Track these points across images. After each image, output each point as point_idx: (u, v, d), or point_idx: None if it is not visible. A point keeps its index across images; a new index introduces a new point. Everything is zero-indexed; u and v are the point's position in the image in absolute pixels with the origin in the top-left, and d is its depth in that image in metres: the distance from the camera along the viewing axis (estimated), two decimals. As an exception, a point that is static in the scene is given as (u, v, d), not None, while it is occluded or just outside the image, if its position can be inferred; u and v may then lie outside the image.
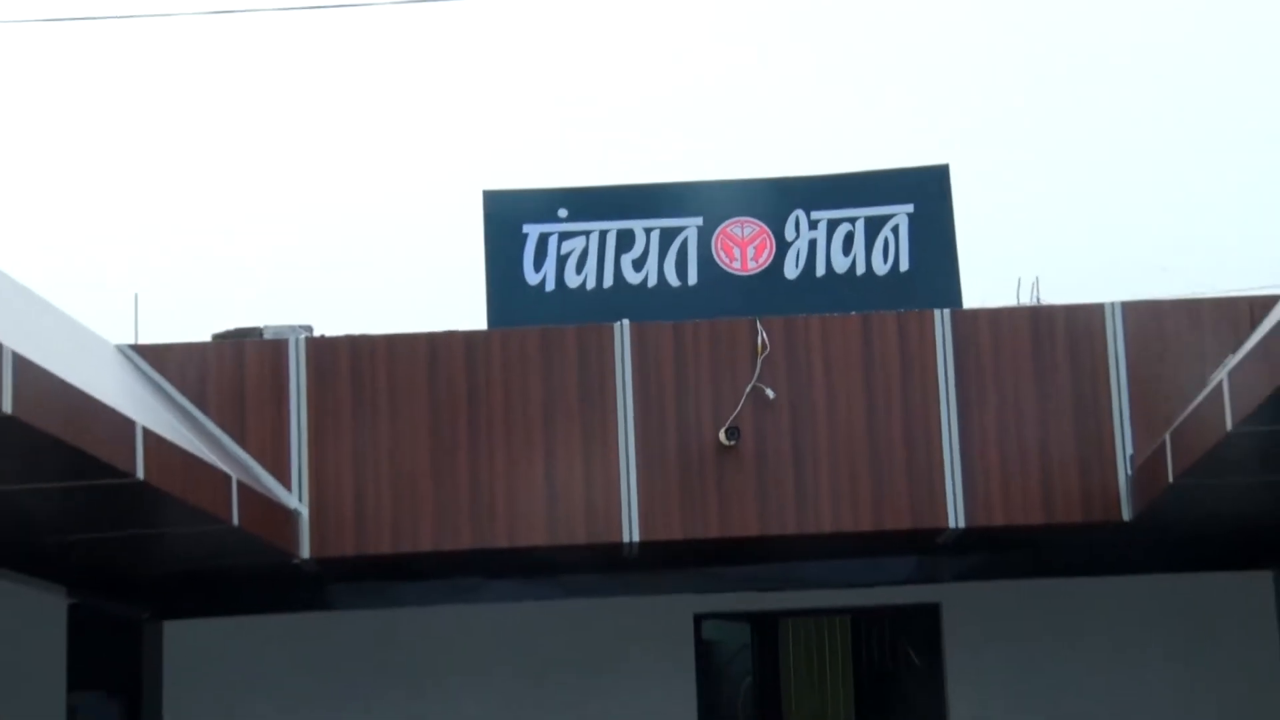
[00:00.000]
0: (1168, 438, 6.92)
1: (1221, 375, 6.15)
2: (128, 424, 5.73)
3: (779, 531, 8.11)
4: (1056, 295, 9.25)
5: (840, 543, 8.55)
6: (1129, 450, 8.09)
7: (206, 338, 8.81)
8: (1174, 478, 6.86)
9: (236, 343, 8.70)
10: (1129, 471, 8.07)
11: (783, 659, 11.39)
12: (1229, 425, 5.86)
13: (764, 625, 10.74)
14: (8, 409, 4.32)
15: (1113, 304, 8.18)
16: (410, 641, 9.96)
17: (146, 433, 5.89)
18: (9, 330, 5.07)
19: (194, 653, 9.58)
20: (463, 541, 8.16)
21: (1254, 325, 7.76)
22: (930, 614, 10.04)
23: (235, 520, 6.90)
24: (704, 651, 10.20)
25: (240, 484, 7.12)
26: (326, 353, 8.35)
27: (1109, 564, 9.53)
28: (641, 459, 8.10)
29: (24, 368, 4.57)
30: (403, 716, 9.86)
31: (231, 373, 8.36)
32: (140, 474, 5.66)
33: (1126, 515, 8.04)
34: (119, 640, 9.23)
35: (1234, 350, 7.06)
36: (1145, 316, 8.22)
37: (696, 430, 8.11)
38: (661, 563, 9.20)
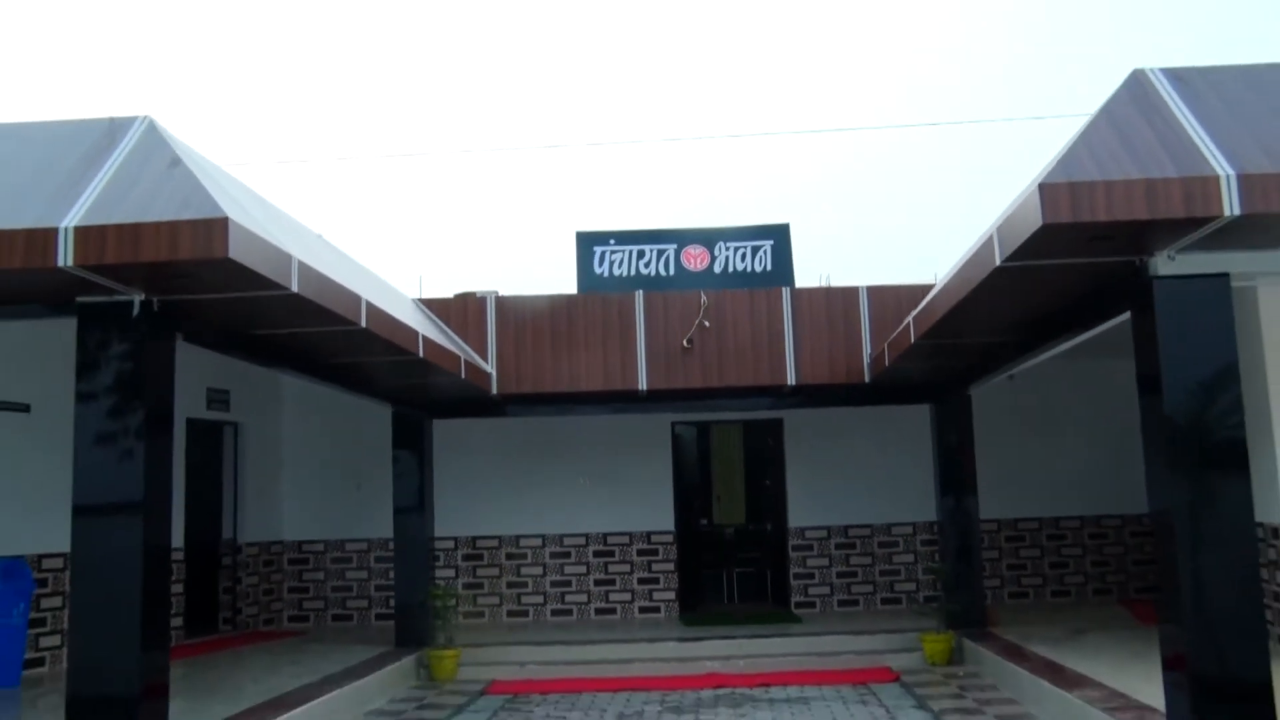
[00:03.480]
0: (886, 347, 10.72)
1: (908, 321, 9.72)
2: (415, 333, 8.85)
3: (711, 385, 12.01)
4: (854, 279, 12.67)
5: (739, 390, 12.37)
6: (868, 349, 11.90)
7: (449, 295, 12.77)
8: (888, 363, 10.61)
9: (465, 297, 12.65)
10: (869, 359, 11.86)
11: (713, 445, 14.80)
12: (912, 339, 9.31)
13: (704, 428, 14.69)
14: (364, 324, 7.51)
15: (863, 287, 12.15)
16: (540, 430, 14.03)
17: (424, 338, 9.15)
18: (364, 288, 7.97)
19: (446, 433, 13.08)
20: (561, 386, 12.05)
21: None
22: (778, 424, 14.25)
23: (463, 374, 10.55)
24: (675, 441, 14.35)
25: (465, 360, 10.73)
26: (504, 304, 12.19)
27: (859, 400, 12.99)
28: (648, 352, 11.98)
29: (373, 310, 7.69)
30: (537, 465, 14.03)
31: (462, 311, 12.19)
32: (421, 354, 9.01)
33: (867, 379, 11.92)
34: (414, 428, 12.22)
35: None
36: (883, 294, 12.09)
37: (672, 340, 11.97)
38: (656, 398, 12.53)
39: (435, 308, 12.21)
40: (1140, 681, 7.80)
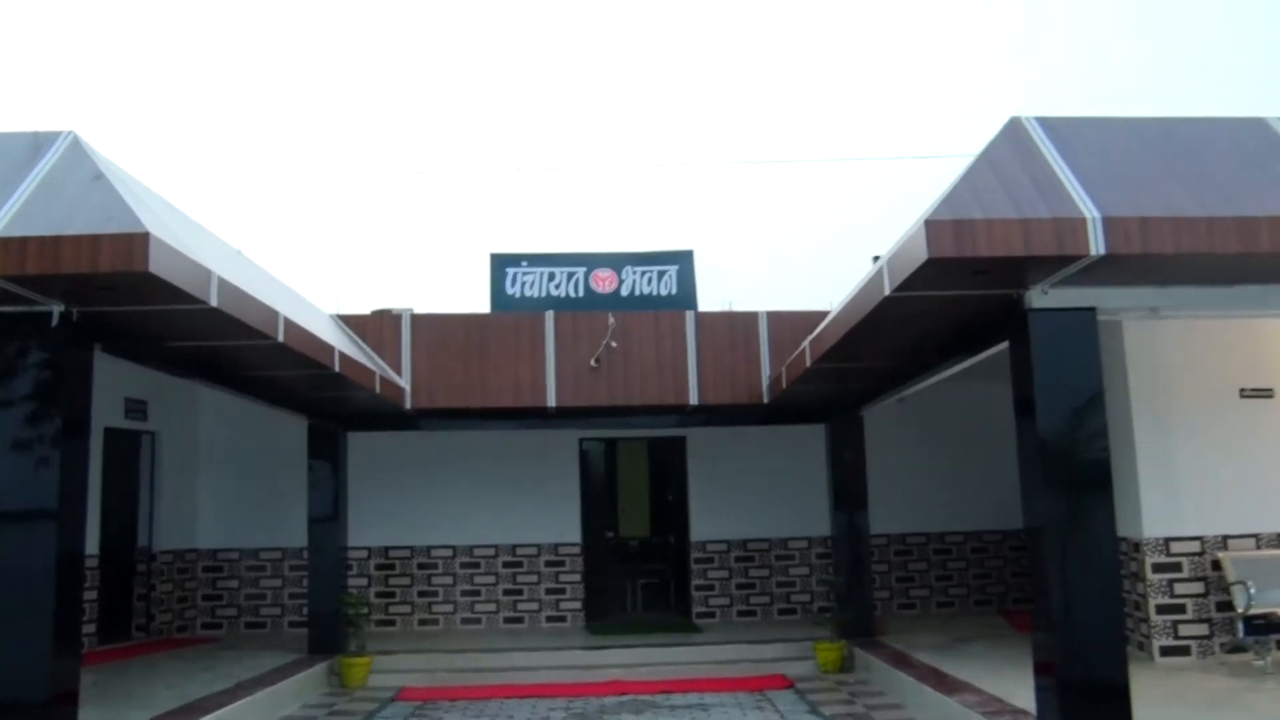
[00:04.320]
0: (784, 370, 10.97)
1: (805, 346, 9.88)
2: (331, 348, 8.82)
3: (617, 403, 12.05)
4: (755, 305, 12.62)
5: (644, 409, 12.46)
6: (767, 372, 12.02)
7: (367, 311, 12.57)
8: (785, 385, 10.85)
9: (381, 314, 12.53)
10: (768, 381, 11.97)
11: (619, 460, 14.77)
12: (808, 363, 9.60)
13: (611, 444, 14.63)
14: (282, 339, 7.52)
15: (763, 312, 12.37)
16: (453, 444, 13.90)
17: (340, 353, 9.13)
18: (282, 304, 7.91)
19: (360, 445, 12.99)
20: (473, 402, 11.94)
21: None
22: (681, 442, 14.39)
23: (378, 389, 10.47)
24: (583, 456, 14.35)
25: (380, 376, 10.71)
26: (420, 321, 12.15)
27: (758, 420, 13.29)
28: (558, 371, 11.97)
29: (290, 325, 7.70)
30: (450, 478, 13.91)
31: (379, 327, 12.11)
32: (337, 369, 9.01)
33: (766, 399, 12.05)
34: (330, 440, 12.11)
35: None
36: (781, 319, 12.24)
37: (581, 360, 11.97)
38: (565, 415, 12.53)
39: (353, 324, 12.14)
40: (1015, 686, 8.02)
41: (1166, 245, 5.82)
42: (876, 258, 14.16)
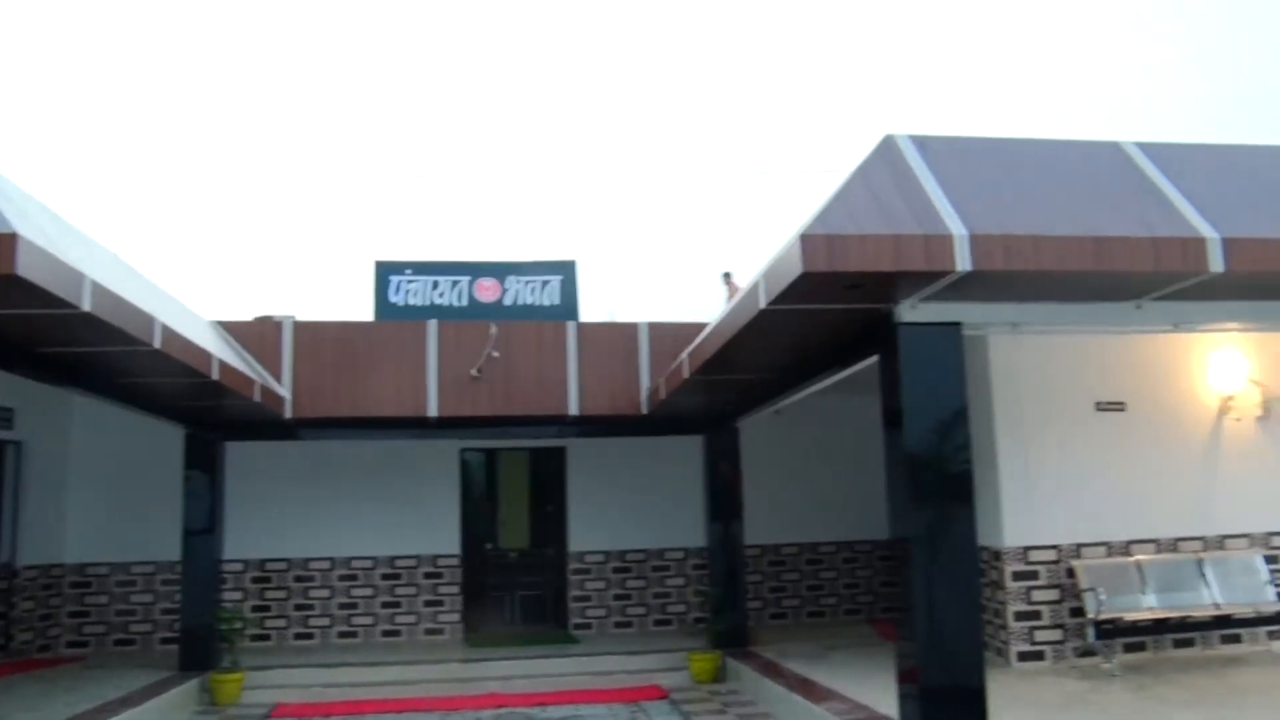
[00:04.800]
0: (662, 381, 10.82)
1: (683, 358, 9.73)
2: (209, 355, 8.50)
3: (498, 413, 11.75)
4: (637, 316, 12.42)
5: (525, 419, 12.08)
6: (646, 383, 11.80)
7: (249, 318, 12.19)
8: (664, 396, 10.78)
9: (263, 320, 12.16)
10: (646, 392, 11.75)
11: (500, 471, 14.47)
12: (686, 374, 9.47)
13: (491, 454, 14.29)
14: (158, 346, 7.17)
15: (643, 323, 12.11)
16: (333, 454, 13.46)
17: (219, 360, 8.79)
18: (162, 312, 7.62)
19: (238, 455, 12.42)
20: (355, 411, 11.59)
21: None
22: (561, 452, 14.09)
23: (257, 398, 10.08)
24: (464, 466, 13.98)
25: (260, 384, 10.29)
26: (302, 328, 11.75)
27: (637, 431, 12.94)
28: (440, 380, 11.64)
29: (167, 332, 7.39)
30: (329, 489, 13.43)
31: (260, 334, 11.63)
32: (215, 376, 8.66)
33: (645, 410, 11.85)
34: (207, 449, 11.72)
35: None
36: (662, 331, 11.94)
37: (463, 369, 11.60)
38: (446, 425, 12.17)
39: (233, 330, 11.64)
40: (880, 693, 8.01)
41: (1028, 262, 5.85)
42: (727, 274, 14.46)
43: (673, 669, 11.62)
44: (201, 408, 10.56)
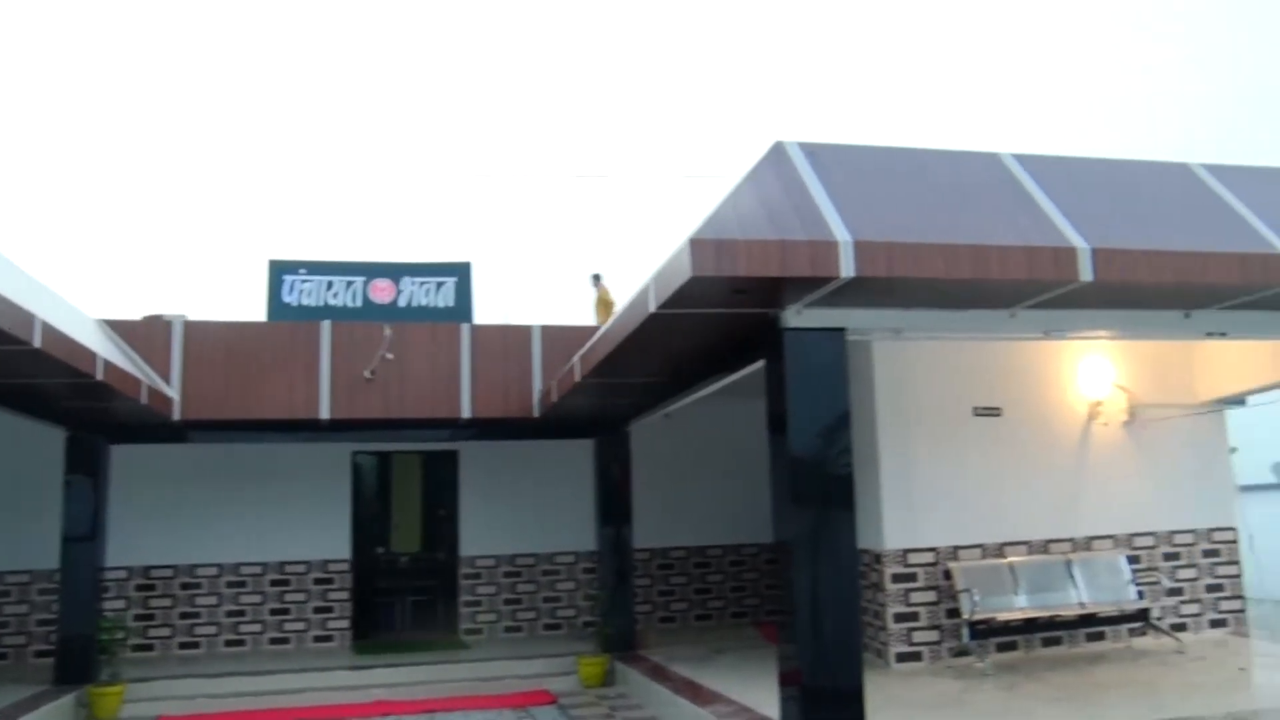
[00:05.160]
0: (554, 384, 10.56)
1: (575, 361, 9.53)
2: (93, 354, 8.14)
3: (391, 415, 11.40)
4: (531, 318, 12.14)
5: (417, 422, 11.76)
6: (539, 386, 11.58)
7: (139, 316, 11.63)
8: (555, 399, 10.47)
9: (153, 319, 11.57)
10: (539, 395, 11.53)
11: (393, 474, 14.06)
12: (577, 377, 9.25)
13: (384, 457, 13.92)
14: (38, 345, 6.89)
15: (536, 326, 11.86)
16: (223, 458, 12.88)
17: (104, 360, 8.41)
18: (43, 309, 7.28)
19: (123, 459, 11.87)
20: (245, 414, 11.14)
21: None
22: (454, 455, 13.74)
23: (144, 399, 9.66)
24: (356, 470, 13.57)
25: (147, 385, 9.86)
26: (193, 328, 11.26)
27: (529, 434, 12.66)
28: (332, 382, 11.25)
29: (49, 330, 7.08)
30: (218, 493, 12.85)
31: (149, 334, 11.12)
32: (99, 377, 8.29)
33: (537, 414, 11.62)
34: (90, 453, 11.20)
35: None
36: (554, 334, 11.79)
37: (356, 371, 11.28)
38: (338, 427, 11.82)
39: (121, 329, 11.11)
40: (764, 695, 7.92)
41: (909, 269, 5.84)
42: (596, 275, 14.31)
43: (562, 673, 11.41)
44: (85, 409, 10.05)
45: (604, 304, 14.11)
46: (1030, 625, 9.51)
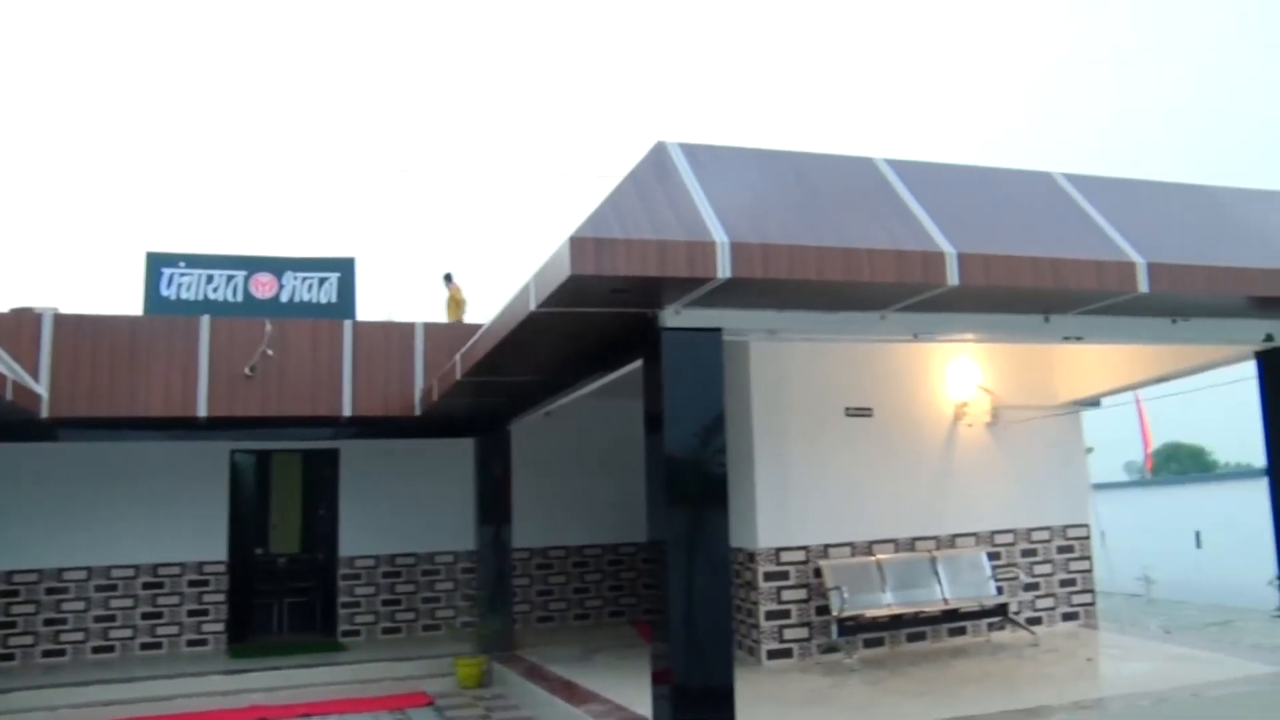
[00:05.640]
0: (435, 382, 10.30)
1: (456, 359, 9.21)
2: None
3: (271, 413, 10.93)
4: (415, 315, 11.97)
5: (298, 420, 11.29)
6: (421, 384, 11.14)
7: (5, 309, 10.82)
8: (436, 398, 10.17)
9: (20, 312, 10.81)
10: (420, 393, 11.13)
11: (272, 473, 13.42)
12: (458, 375, 9.02)
13: (264, 456, 13.27)
14: None
15: (419, 323, 11.46)
16: (94, 457, 12.17)
17: None
18: None
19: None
20: (119, 411, 10.52)
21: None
22: (335, 454, 13.18)
23: (9, 395, 9.08)
24: (234, 469, 12.90)
25: (13, 380, 9.30)
26: (64, 322, 10.56)
27: (410, 432, 12.29)
28: (211, 378, 10.71)
29: None
30: (89, 494, 12.13)
31: (16, 327, 10.40)
32: None
33: (418, 412, 11.24)
34: None
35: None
36: (438, 331, 11.49)
37: (235, 367, 10.76)
38: (216, 425, 11.30)
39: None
40: (638, 694, 7.76)
41: (784, 271, 5.74)
42: (448, 275, 14.00)
43: (440, 675, 11.00)
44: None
45: (455, 303, 13.80)
46: (896, 621, 9.54)
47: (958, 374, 10.42)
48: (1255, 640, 12.10)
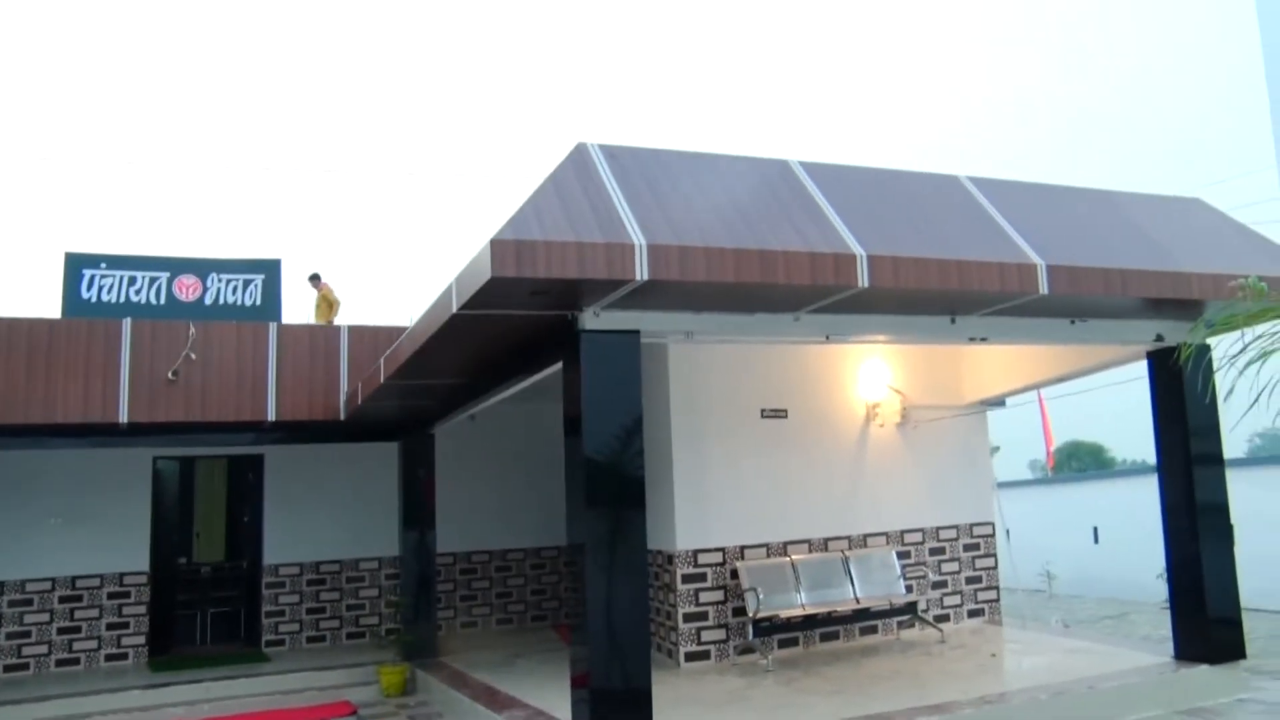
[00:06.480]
0: (360, 385, 9.82)
1: (380, 362, 8.83)
2: None
3: (194, 418, 10.23)
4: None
5: (223, 425, 10.70)
6: (345, 387, 10.64)
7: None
8: (360, 401, 9.69)
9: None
10: (344, 397, 10.60)
11: (196, 480, 12.77)
12: (382, 378, 8.51)
13: (187, 463, 12.62)
14: None
15: (344, 326, 10.91)
16: (8, 465, 11.49)
17: None
18: None
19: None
20: (34, 418, 9.76)
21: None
22: (260, 460, 12.60)
23: None
24: (156, 476, 12.23)
25: None
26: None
27: (335, 437, 11.89)
28: (132, 383, 10.03)
29: None
30: (6, 504, 11.44)
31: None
32: None
33: (343, 416, 10.60)
34: None
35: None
36: (363, 334, 10.82)
37: (158, 371, 10.16)
38: (138, 431, 10.71)
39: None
40: (558, 698, 7.51)
41: (700, 273, 5.57)
42: (315, 275, 13.48)
43: (363, 683, 10.53)
44: None
45: (326, 303, 13.32)
46: (810, 621, 9.37)
47: (869, 375, 10.32)
48: (1145, 632, 12.23)
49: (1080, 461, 34.55)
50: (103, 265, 11.68)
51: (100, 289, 11.63)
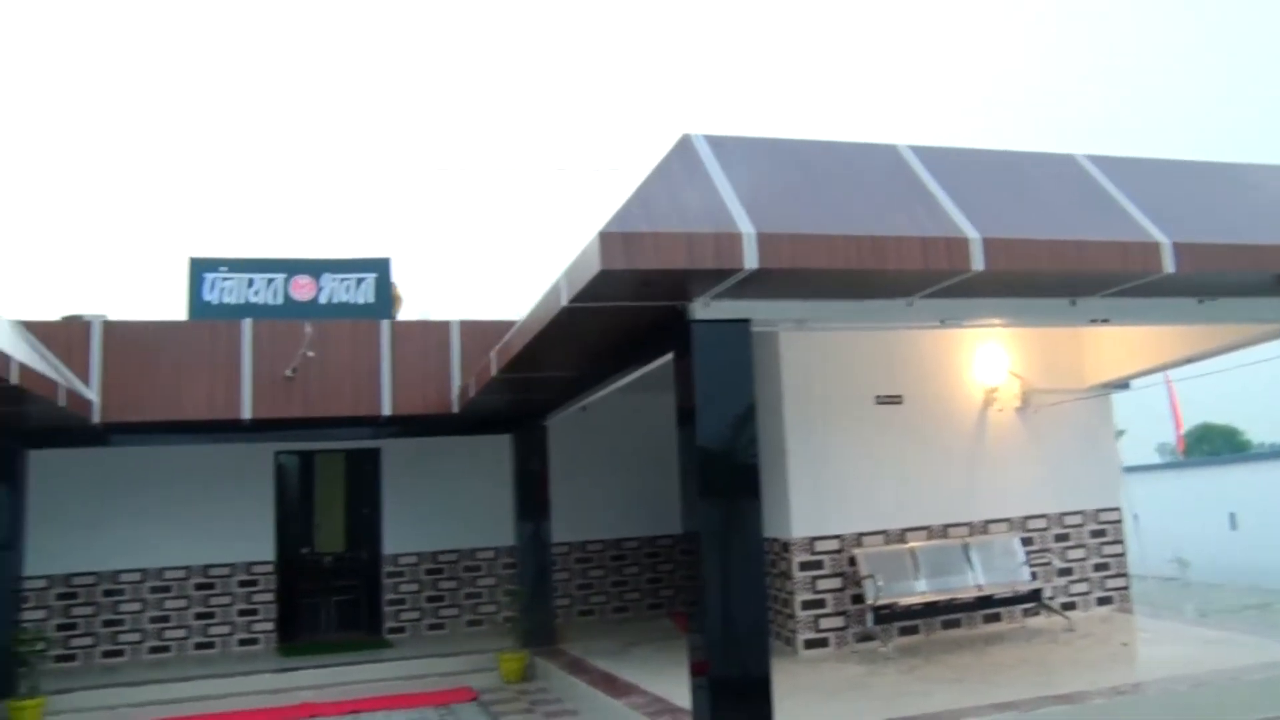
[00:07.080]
0: (472, 379, 10.19)
1: (491, 355, 9.02)
2: (8, 358, 7.58)
3: (313, 414, 10.87)
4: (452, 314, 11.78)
5: (339, 420, 11.28)
6: (457, 381, 11.13)
7: (57, 317, 10.95)
8: (473, 395, 10.08)
9: (71, 320, 10.95)
10: (457, 391, 11.09)
11: (316, 473, 13.38)
12: (493, 372, 8.86)
13: (307, 457, 13.26)
14: None
15: (455, 321, 11.34)
16: (144, 461, 12.27)
17: (18, 363, 7.84)
18: None
19: (42, 464, 11.27)
20: (166, 415, 10.54)
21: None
22: (376, 453, 13.21)
23: (62, 402, 9.05)
24: (278, 470, 12.97)
25: (66, 388, 9.26)
26: (112, 329, 10.60)
27: (448, 430, 12.27)
28: (254, 381, 10.67)
29: None
30: (140, 497, 12.21)
31: (67, 335, 10.44)
32: (14, 380, 7.69)
33: (456, 409, 11.10)
34: (6, 459, 10.52)
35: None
36: (473, 329, 11.28)
37: (277, 369, 10.74)
38: (260, 427, 11.31)
39: (38, 331, 10.34)
40: (677, 686, 7.72)
41: (810, 260, 5.65)
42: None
43: (483, 670, 11.02)
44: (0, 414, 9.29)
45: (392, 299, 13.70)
46: (930, 609, 9.41)
47: (986, 359, 10.25)
48: (1294, 623, 11.79)
49: (1212, 444, 33.17)
50: (223, 269, 12.36)
51: (222, 292, 12.32)
